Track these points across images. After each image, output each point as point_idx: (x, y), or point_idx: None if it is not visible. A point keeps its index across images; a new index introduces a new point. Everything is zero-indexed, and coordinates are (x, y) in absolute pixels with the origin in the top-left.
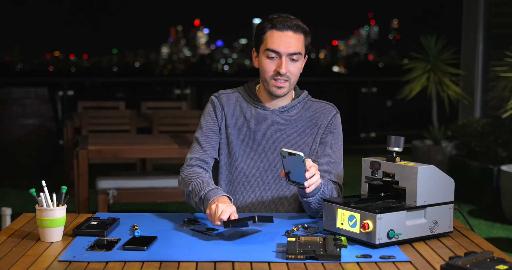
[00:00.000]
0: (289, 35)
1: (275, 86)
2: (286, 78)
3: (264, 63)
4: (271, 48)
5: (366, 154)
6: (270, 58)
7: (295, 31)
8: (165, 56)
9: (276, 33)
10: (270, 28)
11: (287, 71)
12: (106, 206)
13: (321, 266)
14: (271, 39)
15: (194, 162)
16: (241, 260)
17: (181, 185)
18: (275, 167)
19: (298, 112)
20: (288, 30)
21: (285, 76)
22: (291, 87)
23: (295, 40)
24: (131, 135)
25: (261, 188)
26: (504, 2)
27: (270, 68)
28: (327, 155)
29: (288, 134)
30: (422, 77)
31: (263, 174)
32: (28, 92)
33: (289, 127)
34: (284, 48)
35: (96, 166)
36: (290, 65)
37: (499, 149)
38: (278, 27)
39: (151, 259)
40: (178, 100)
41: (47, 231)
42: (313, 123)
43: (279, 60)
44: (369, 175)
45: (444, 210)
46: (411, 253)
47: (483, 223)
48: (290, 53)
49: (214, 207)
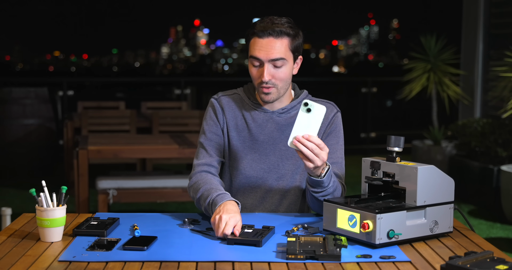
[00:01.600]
0: (270, 41)
1: (262, 93)
2: (271, 85)
3: (250, 71)
4: (253, 56)
5: (366, 154)
6: (255, 66)
7: (277, 36)
8: (165, 56)
9: (258, 40)
10: (252, 36)
11: (271, 78)
12: (106, 206)
13: (321, 266)
14: (253, 46)
15: (201, 168)
16: (241, 260)
17: (190, 191)
18: (276, 168)
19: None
20: (269, 36)
21: (270, 83)
22: (280, 92)
23: (278, 45)
24: (131, 135)
25: (262, 189)
26: (504, 2)
27: (256, 76)
28: (329, 155)
29: (288, 135)
30: (422, 77)
31: (264, 176)
32: (28, 92)
33: (289, 128)
34: (265, 55)
35: (96, 166)
36: (274, 71)
37: (499, 149)
38: (259, 34)
39: (151, 259)
40: (178, 100)
41: (47, 231)
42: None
43: (261, 67)
44: (369, 175)
45: (444, 210)
46: (411, 253)
47: (483, 223)
48: (272, 59)
49: (217, 219)
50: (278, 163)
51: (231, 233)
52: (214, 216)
